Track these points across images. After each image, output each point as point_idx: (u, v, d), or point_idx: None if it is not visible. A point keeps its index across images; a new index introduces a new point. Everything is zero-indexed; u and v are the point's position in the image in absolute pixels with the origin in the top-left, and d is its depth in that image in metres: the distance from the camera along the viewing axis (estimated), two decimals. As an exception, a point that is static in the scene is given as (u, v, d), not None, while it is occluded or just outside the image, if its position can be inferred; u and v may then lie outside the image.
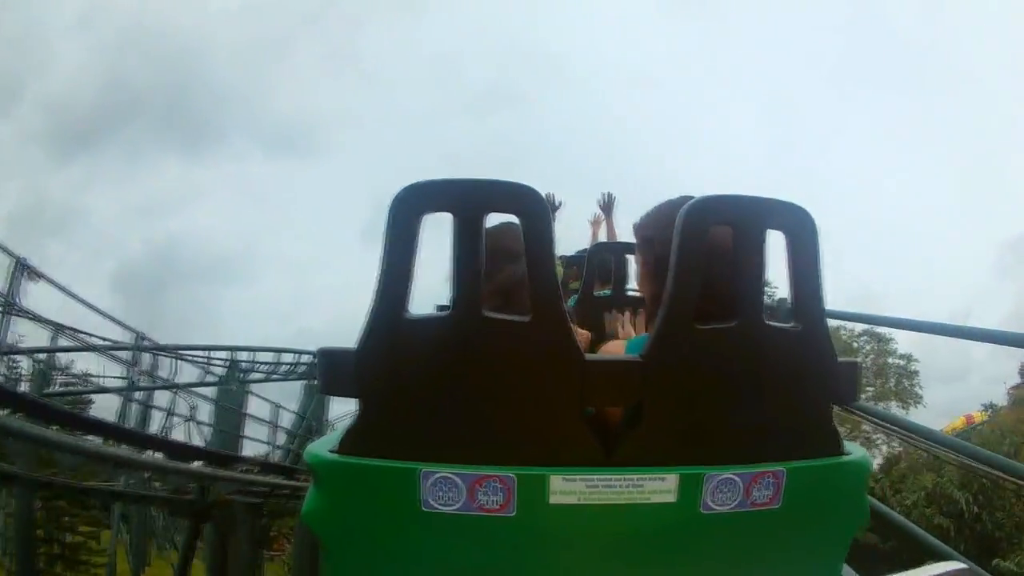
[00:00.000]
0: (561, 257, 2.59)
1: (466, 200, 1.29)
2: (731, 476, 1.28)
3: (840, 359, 1.38)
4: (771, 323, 1.32)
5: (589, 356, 1.31)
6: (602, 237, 4.80)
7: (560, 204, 4.46)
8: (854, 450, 1.42)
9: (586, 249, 4.05)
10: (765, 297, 1.39)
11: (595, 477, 1.25)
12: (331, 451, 1.34)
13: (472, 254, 1.27)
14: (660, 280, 1.32)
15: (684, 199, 1.39)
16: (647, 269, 1.60)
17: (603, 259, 3.33)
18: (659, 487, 1.25)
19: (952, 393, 37.43)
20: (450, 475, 1.25)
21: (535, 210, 1.28)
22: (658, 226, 1.53)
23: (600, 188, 4.97)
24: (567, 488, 1.24)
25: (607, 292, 3.34)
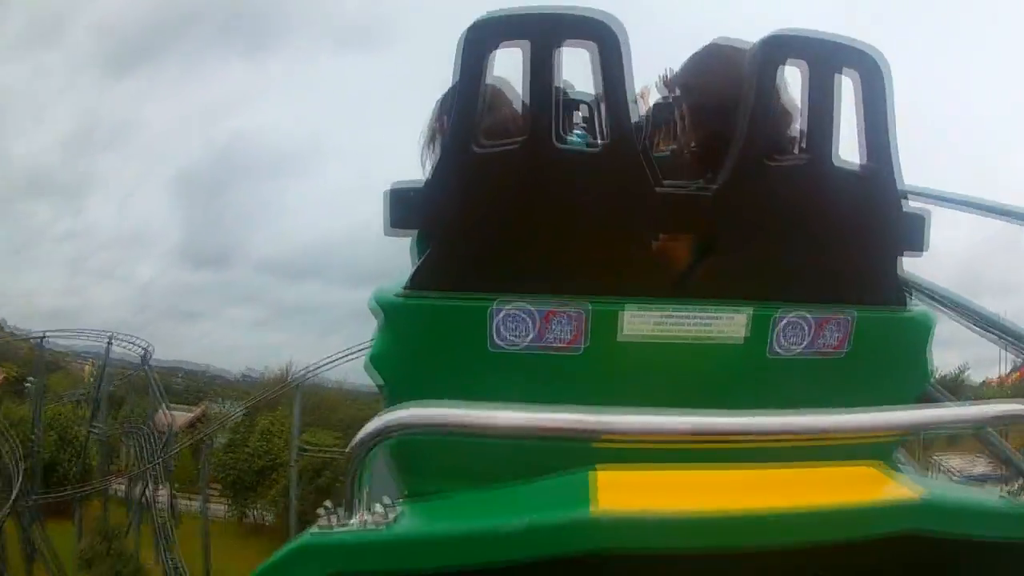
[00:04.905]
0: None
1: (538, 30, 1.24)
2: (800, 317, 1.25)
3: (907, 210, 1.35)
4: (842, 164, 1.29)
5: (660, 188, 1.28)
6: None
7: None
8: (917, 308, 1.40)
9: None
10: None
11: (666, 311, 1.24)
12: (399, 292, 1.32)
13: (544, 85, 1.24)
14: (704, 127, 1.33)
15: (713, 47, 1.41)
16: (692, 117, 1.56)
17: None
18: (729, 324, 1.24)
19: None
20: (521, 309, 1.24)
21: (610, 38, 1.24)
22: (698, 72, 1.51)
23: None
24: (638, 322, 1.24)
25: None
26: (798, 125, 1.34)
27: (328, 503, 1.09)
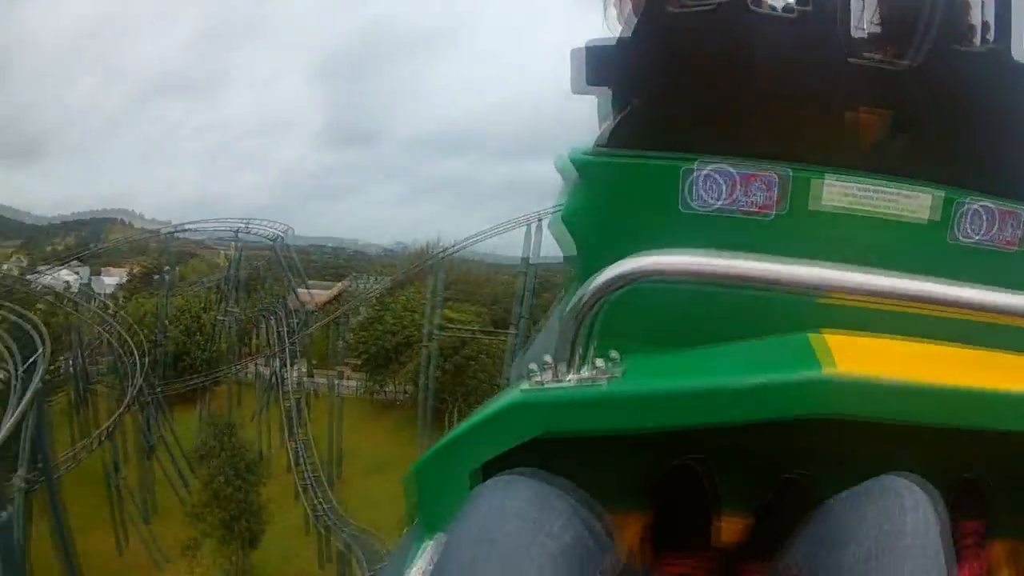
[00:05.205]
0: None
1: None
2: (984, 207, 1.26)
3: None
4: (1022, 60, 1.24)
5: (853, 60, 1.24)
6: None
7: None
8: None
9: None
10: None
11: (858, 183, 1.23)
12: (593, 150, 1.33)
13: None
14: (891, 3, 1.32)
15: None
16: None
17: None
18: (916, 204, 1.24)
19: None
20: (718, 170, 1.24)
21: None
22: None
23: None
24: (832, 192, 1.23)
25: None
26: (971, 18, 1.32)
27: (547, 358, 1.10)
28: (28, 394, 19.92)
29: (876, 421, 0.99)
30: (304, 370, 39.22)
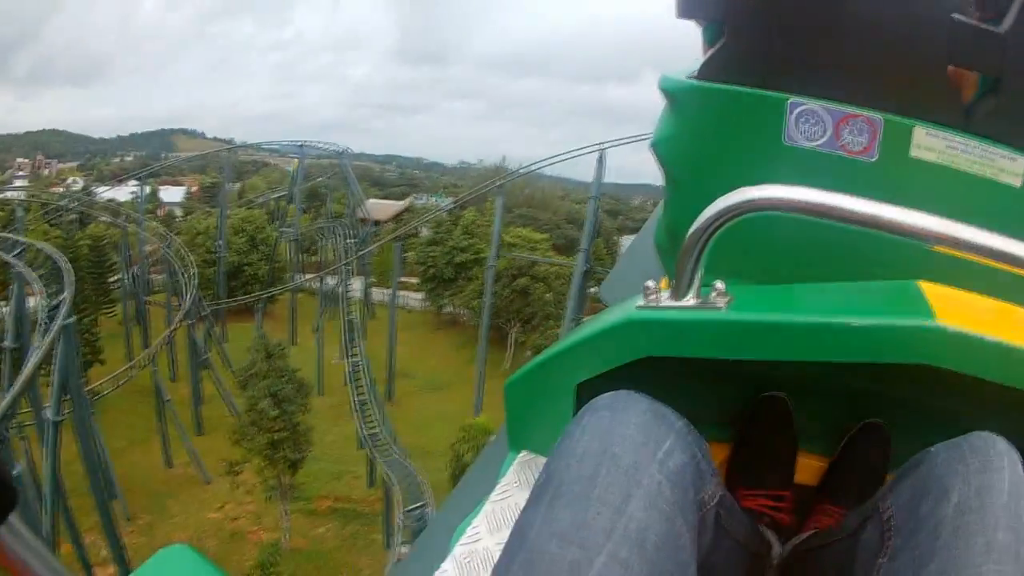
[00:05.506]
0: None
1: None
2: None
3: None
4: None
5: (957, 16, 1.22)
6: None
7: None
8: None
9: None
10: None
11: (956, 138, 1.23)
12: (691, 78, 1.31)
13: None
14: None
15: None
16: None
17: None
18: (1008, 166, 1.24)
19: None
20: (818, 108, 1.23)
21: None
22: None
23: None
24: (929, 143, 1.23)
25: None
26: None
27: (651, 283, 1.10)
28: (53, 330, 19.69)
29: (972, 377, 0.98)
30: (361, 286, 38.71)
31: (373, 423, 26.76)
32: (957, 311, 1.04)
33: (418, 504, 21.27)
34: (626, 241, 38.54)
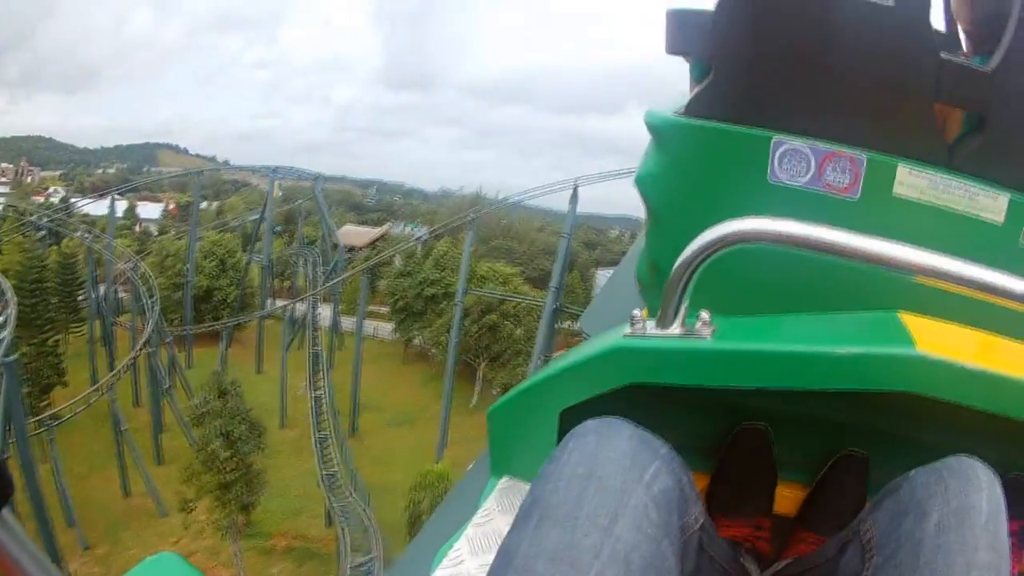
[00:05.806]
0: None
1: None
2: None
3: None
4: None
5: (943, 55, 1.25)
6: None
7: None
8: None
9: None
10: None
11: (939, 176, 1.24)
12: (676, 115, 1.32)
13: None
14: (978, 5, 1.36)
15: None
16: None
17: None
18: (990, 205, 1.24)
19: None
20: (802, 147, 1.25)
21: None
22: None
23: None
24: (912, 181, 1.24)
25: None
26: None
27: (637, 312, 1.13)
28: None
29: (952, 406, 1.00)
30: (330, 313, 38.51)
31: (332, 462, 26.36)
32: (937, 340, 1.07)
33: (367, 558, 20.82)
34: (602, 274, 39.06)
